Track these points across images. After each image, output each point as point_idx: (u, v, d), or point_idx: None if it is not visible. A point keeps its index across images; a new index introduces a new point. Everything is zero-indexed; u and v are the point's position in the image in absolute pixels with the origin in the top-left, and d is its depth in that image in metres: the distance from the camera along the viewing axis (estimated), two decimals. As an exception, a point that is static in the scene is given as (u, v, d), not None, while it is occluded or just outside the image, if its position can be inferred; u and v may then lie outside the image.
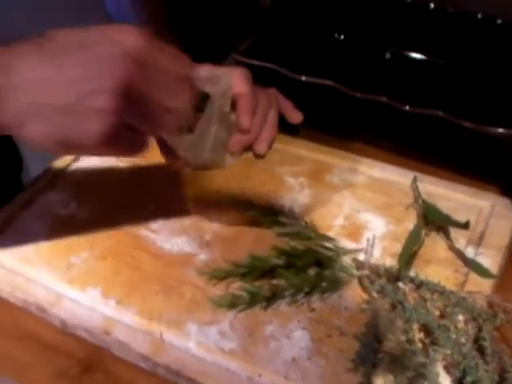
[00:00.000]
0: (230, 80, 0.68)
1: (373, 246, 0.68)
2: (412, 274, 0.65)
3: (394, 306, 0.62)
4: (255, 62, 0.83)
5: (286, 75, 0.82)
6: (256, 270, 0.67)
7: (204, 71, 0.66)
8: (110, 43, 0.54)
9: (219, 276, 0.67)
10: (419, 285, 0.64)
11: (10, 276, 0.69)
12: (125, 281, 0.68)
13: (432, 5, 0.92)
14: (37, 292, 0.68)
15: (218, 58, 0.83)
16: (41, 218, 0.76)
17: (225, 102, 0.69)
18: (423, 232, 0.70)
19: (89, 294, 0.67)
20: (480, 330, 0.59)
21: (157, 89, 0.56)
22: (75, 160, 0.84)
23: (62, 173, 0.82)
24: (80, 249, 0.72)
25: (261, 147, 0.74)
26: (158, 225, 0.74)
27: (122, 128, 0.56)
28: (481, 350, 0.58)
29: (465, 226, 0.68)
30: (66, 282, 0.69)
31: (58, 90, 0.54)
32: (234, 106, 0.71)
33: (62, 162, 0.83)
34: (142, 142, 0.60)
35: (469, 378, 0.55)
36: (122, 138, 0.57)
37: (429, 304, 0.62)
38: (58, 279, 0.69)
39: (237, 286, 0.66)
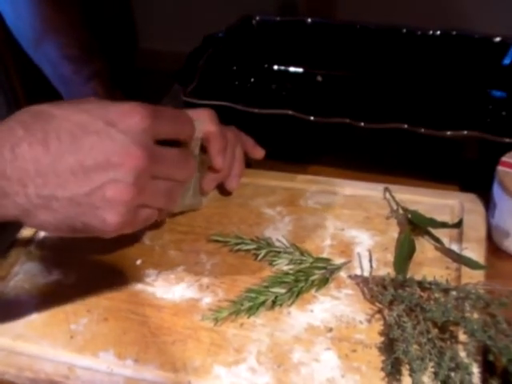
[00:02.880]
0: (202, 125, 0.69)
1: (371, 260, 0.71)
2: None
3: (411, 310, 0.65)
4: (206, 102, 0.84)
5: (240, 110, 0.83)
6: (259, 302, 0.68)
7: None
8: (117, 131, 0.53)
9: (224, 317, 0.68)
10: (427, 286, 0.67)
11: (12, 357, 0.66)
12: (136, 338, 0.67)
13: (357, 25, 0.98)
14: (46, 368, 0.65)
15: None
16: (26, 290, 0.73)
17: (196, 145, 0.70)
18: (413, 237, 0.73)
19: (102, 359, 0.65)
20: (493, 315, 0.63)
21: (166, 166, 0.57)
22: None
23: (32, 241, 0.79)
24: (77, 315, 0.70)
25: (233, 183, 0.77)
26: (152, 277, 0.73)
27: (136, 210, 0.56)
28: (503, 332, 0.61)
29: (457, 225, 0.73)
30: (74, 352, 0.66)
31: (67, 182, 0.52)
32: (202, 146, 0.72)
33: (28, 230, 0.80)
34: (155, 215, 0.60)
35: (505, 358, 0.59)
36: (136, 218, 0.57)
37: (442, 301, 0.65)
38: (64, 350, 0.67)
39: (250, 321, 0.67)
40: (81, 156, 0.52)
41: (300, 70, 1.05)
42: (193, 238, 0.77)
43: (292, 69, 1.05)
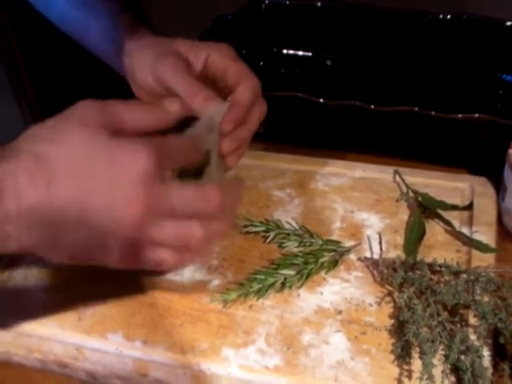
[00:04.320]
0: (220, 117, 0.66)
1: (381, 242, 0.71)
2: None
3: (421, 293, 0.64)
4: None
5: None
6: (268, 284, 0.68)
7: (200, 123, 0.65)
8: (119, 176, 0.51)
9: (233, 299, 0.67)
10: (437, 269, 0.66)
11: (22, 339, 0.66)
12: (144, 320, 0.67)
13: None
14: (54, 349, 0.65)
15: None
16: (35, 273, 0.73)
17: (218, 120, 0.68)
18: (424, 220, 0.73)
19: (111, 340, 0.65)
20: (504, 298, 0.63)
21: (178, 204, 0.54)
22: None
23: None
24: (85, 296, 0.70)
25: (234, 159, 0.71)
26: (161, 259, 0.73)
27: (147, 250, 0.54)
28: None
29: (468, 207, 0.72)
30: (83, 333, 0.66)
31: (70, 228, 0.52)
32: None
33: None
34: (172, 259, 0.56)
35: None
36: (140, 259, 0.55)
37: (453, 284, 0.64)
38: (72, 332, 0.67)
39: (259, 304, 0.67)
40: (83, 204, 0.51)
41: (309, 53, 1.04)
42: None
43: (301, 52, 1.04)
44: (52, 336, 0.66)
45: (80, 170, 0.51)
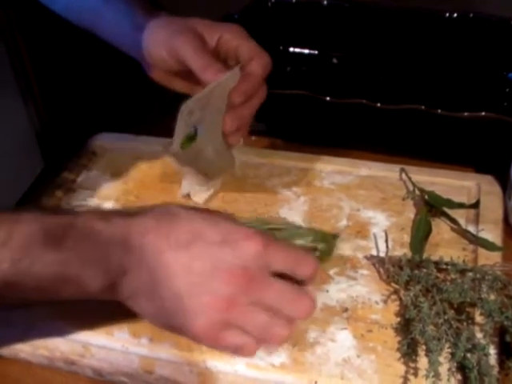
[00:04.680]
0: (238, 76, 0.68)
1: (387, 240, 0.71)
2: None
3: (427, 291, 0.64)
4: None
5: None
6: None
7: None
8: (230, 249, 0.53)
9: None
10: (444, 267, 0.66)
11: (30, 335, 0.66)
12: (151, 317, 0.67)
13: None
14: (61, 346, 0.65)
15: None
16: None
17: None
18: (430, 218, 0.73)
19: (117, 338, 0.66)
20: (510, 297, 0.63)
21: (272, 297, 0.53)
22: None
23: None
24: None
25: (237, 136, 0.73)
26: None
27: (226, 328, 0.53)
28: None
29: (474, 205, 0.72)
30: (89, 330, 0.66)
31: (172, 282, 0.53)
32: None
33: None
34: (249, 347, 0.55)
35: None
36: (223, 337, 0.54)
37: (459, 282, 0.64)
38: (78, 328, 0.67)
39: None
40: (190, 260, 0.53)
41: (315, 52, 1.04)
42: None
43: (307, 51, 1.04)
44: (59, 333, 0.66)
45: (196, 228, 0.54)
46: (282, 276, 0.54)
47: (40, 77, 1.22)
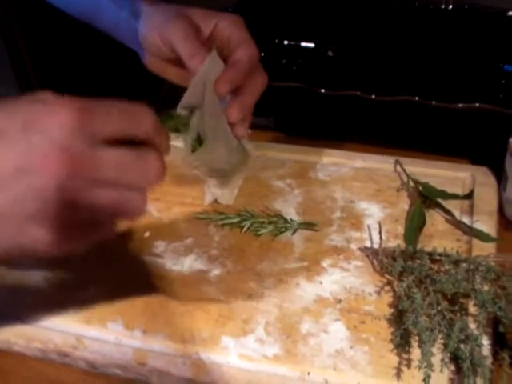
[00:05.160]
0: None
1: (381, 232, 0.71)
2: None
3: (421, 282, 0.64)
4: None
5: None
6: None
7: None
8: (37, 132, 0.45)
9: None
10: (437, 258, 0.66)
11: (24, 328, 0.66)
12: (144, 309, 0.67)
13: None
14: (54, 338, 0.65)
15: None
16: (35, 261, 0.73)
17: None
18: (424, 209, 0.72)
19: (111, 330, 0.65)
20: (504, 287, 0.63)
21: (111, 171, 0.47)
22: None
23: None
24: (86, 286, 0.70)
25: (242, 128, 0.69)
26: (161, 249, 0.73)
27: (78, 224, 0.48)
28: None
29: (468, 196, 0.72)
30: (82, 322, 0.66)
31: None
32: None
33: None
34: (108, 226, 0.51)
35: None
36: (81, 234, 0.49)
37: (453, 273, 0.64)
38: (72, 321, 0.67)
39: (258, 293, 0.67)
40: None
41: (310, 44, 1.03)
42: (202, 209, 0.77)
43: (302, 44, 1.04)
44: (52, 325, 0.66)
45: None
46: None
47: (38, 71, 1.22)
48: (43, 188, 0.45)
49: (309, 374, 0.60)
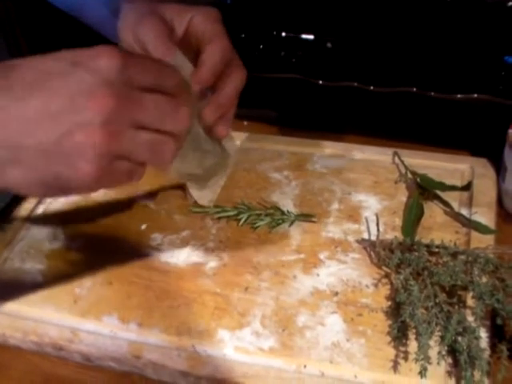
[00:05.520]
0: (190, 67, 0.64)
1: (378, 223, 0.70)
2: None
3: (418, 274, 0.64)
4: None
5: (248, 75, 0.82)
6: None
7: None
8: (83, 71, 0.48)
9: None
10: (435, 250, 0.65)
11: (18, 322, 0.66)
12: (140, 302, 0.66)
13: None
14: (50, 332, 0.65)
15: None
16: (31, 255, 0.73)
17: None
18: (422, 201, 0.72)
19: (106, 323, 0.65)
20: (502, 279, 0.62)
21: (149, 114, 0.50)
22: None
23: (38, 206, 0.79)
24: (82, 279, 0.69)
25: (224, 126, 0.66)
26: (157, 242, 0.72)
27: (115, 161, 0.50)
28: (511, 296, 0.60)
29: (466, 187, 0.71)
30: (78, 316, 0.66)
31: (34, 129, 0.48)
32: None
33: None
34: (140, 171, 0.53)
35: (512, 321, 0.58)
36: (114, 171, 0.51)
37: (451, 265, 0.63)
38: (68, 314, 0.66)
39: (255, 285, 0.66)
40: (45, 101, 0.48)
41: (309, 36, 1.03)
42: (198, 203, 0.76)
43: (301, 35, 1.03)
44: (47, 319, 0.66)
45: (40, 67, 0.49)
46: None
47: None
48: (90, 123, 0.47)
49: (305, 366, 0.59)
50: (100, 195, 0.79)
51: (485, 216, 0.71)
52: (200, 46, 0.64)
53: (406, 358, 0.59)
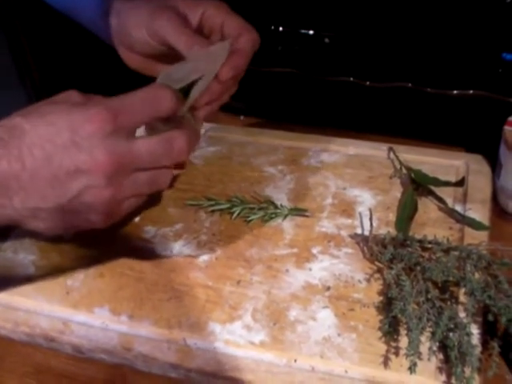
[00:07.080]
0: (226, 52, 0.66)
1: (371, 218, 0.70)
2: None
3: (410, 270, 0.63)
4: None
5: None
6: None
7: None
8: (80, 138, 0.54)
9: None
10: (428, 246, 0.65)
11: (10, 313, 0.66)
12: (131, 294, 0.66)
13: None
14: (41, 323, 0.65)
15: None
16: (23, 246, 0.73)
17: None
18: (416, 196, 0.72)
19: (97, 315, 0.65)
20: (495, 276, 0.62)
21: (145, 159, 0.57)
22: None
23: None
24: (74, 270, 0.69)
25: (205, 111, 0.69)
26: (150, 234, 0.72)
27: (121, 203, 0.58)
28: (504, 293, 0.60)
29: (459, 183, 0.71)
30: (69, 307, 0.66)
31: (47, 193, 0.54)
32: None
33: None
34: (143, 199, 0.62)
35: (504, 318, 0.57)
36: (122, 210, 0.59)
37: (443, 261, 0.63)
38: (59, 305, 0.66)
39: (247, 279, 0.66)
40: (53, 169, 0.54)
41: (307, 31, 1.02)
42: (192, 195, 0.76)
43: (299, 30, 1.03)
44: (39, 310, 0.66)
45: (44, 136, 0.54)
46: None
47: (41, 67, 1.22)
48: (96, 185, 0.54)
49: (295, 361, 0.59)
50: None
51: (479, 212, 0.71)
52: (222, 37, 0.68)
53: (396, 354, 0.59)
